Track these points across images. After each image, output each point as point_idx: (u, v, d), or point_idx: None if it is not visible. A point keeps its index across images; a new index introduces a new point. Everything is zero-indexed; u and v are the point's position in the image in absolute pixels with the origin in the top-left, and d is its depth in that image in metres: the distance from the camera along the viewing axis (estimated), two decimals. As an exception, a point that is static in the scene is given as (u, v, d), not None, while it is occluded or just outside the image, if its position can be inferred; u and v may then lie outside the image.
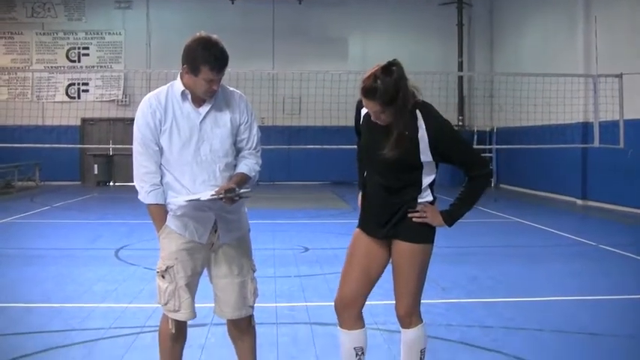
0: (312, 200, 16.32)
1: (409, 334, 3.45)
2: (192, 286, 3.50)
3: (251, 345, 3.73)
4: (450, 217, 3.32)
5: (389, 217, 3.32)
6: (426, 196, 3.34)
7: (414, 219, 3.30)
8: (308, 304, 6.19)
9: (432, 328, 5.33)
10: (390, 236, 3.37)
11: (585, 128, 15.21)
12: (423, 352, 3.48)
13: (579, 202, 15.88)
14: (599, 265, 8.29)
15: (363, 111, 3.38)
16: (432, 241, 3.39)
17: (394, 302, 3.49)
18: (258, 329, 3.82)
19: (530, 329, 5.42)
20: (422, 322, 3.46)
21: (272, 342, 5.00)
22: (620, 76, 12.58)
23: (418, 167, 3.26)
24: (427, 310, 5.92)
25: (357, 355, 3.54)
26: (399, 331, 3.60)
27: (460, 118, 21.74)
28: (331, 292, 3.65)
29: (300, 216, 12.34)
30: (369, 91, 3.14)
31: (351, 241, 3.50)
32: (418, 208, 3.30)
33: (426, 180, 3.31)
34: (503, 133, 19.72)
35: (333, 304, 3.65)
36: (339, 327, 3.58)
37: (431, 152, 3.22)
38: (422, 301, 6.17)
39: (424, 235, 3.34)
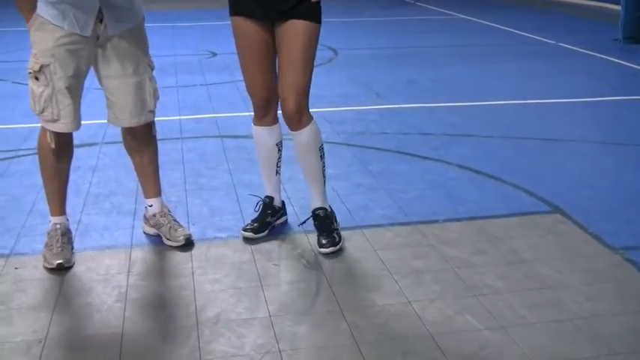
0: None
1: (305, 135, 3.56)
2: (74, 91, 3.38)
3: (152, 158, 3.74)
4: None
5: None
6: None
7: None
8: (217, 115, 6.23)
9: (365, 137, 5.50)
10: (287, 16, 3.44)
11: None
12: (321, 149, 3.64)
13: (537, -5, 16.01)
14: (556, 65, 8.51)
15: None
16: (321, 22, 3.53)
17: (280, 101, 3.55)
18: (161, 145, 3.85)
19: (477, 136, 5.62)
20: (313, 118, 3.58)
21: (177, 159, 5.05)
22: None
23: None
24: (359, 117, 6.19)
25: (278, 150, 3.81)
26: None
27: None
28: (243, 100, 3.69)
29: (206, 17, 12.10)
30: None
31: (236, 33, 3.57)
32: None
33: None
34: None
35: (245, 114, 3.66)
36: (260, 127, 3.74)
37: None
38: (354, 107, 6.40)
39: (318, 13, 3.48)
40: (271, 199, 3.88)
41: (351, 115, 6.23)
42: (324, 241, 3.63)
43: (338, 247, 3.63)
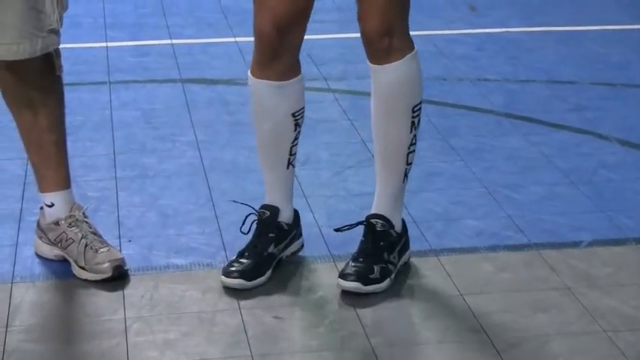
0: None
1: (393, 74, 3.55)
2: None
3: (53, 119, 3.72)
4: None
5: None
6: None
7: None
8: (176, 41, 6.28)
9: (446, 87, 5.50)
10: None
11: None
12: (417, 111, 3.63)
13: None
14: None
15: None
16: None
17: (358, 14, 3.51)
18: (70, 94, 3.93)
19: None
20: (414, 48, 3.61)
21: (102, 120, 5.07)
22: None
23: None
24: (435, 49, 6.17)
25: (296, 125, 3.74)
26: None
27: None
28: (225, 13, 3.67)
29: None
30: None
31: None
32: None
33: None
34: None
35: (228, 40, 3.66)
36: (263, 81, 3.70)
37: None
38: (425, 32, 6.38)
39: None
40: (275, 211, 3.79)
41: (421, 46, 6.14)
42: (348, 270, 3.59)
43: (371, 288, 3.58)
